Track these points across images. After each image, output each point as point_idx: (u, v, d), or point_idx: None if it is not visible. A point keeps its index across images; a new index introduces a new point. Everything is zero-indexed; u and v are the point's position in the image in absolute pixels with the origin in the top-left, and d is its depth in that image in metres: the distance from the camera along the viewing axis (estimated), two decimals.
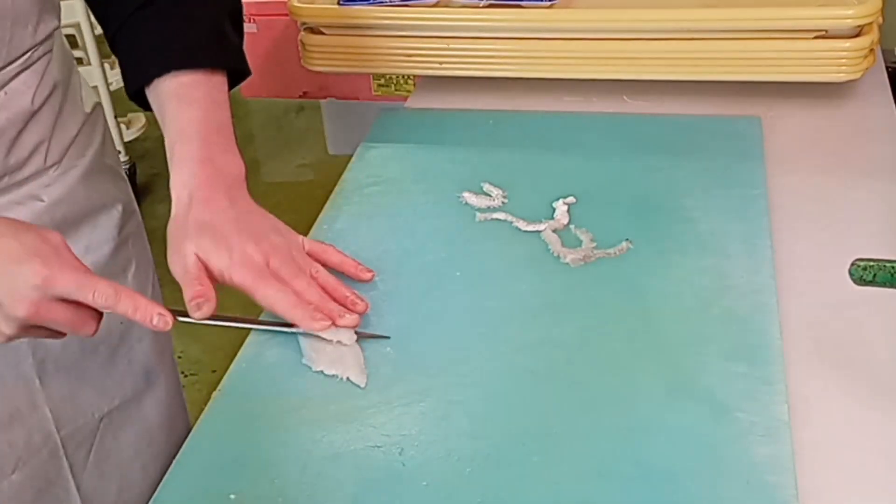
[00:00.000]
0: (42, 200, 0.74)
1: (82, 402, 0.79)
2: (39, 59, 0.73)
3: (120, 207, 0.83)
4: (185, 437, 0.67)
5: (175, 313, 0.67)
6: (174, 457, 0.65)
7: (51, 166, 0.75)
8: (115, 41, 0.78)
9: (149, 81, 0.75)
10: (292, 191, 2.71)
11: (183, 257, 0.71)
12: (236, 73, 0.79)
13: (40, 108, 0.73)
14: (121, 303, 0.64)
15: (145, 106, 0.78)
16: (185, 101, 0.75)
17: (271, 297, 0.71)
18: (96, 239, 0.80)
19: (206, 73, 0.75)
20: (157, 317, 0.65)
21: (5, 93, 0.70)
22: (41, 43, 0.73)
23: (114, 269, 0.81)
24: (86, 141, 0.79)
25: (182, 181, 0.73)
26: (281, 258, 0.73)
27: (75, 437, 0.79)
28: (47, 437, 0.77)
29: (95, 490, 0.80)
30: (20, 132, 0.72)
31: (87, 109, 0.80)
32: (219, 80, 0.77)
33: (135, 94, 0.77)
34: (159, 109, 0.76)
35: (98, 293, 0.63)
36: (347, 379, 0.69)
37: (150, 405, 0.86)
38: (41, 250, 0.62)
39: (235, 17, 0.80)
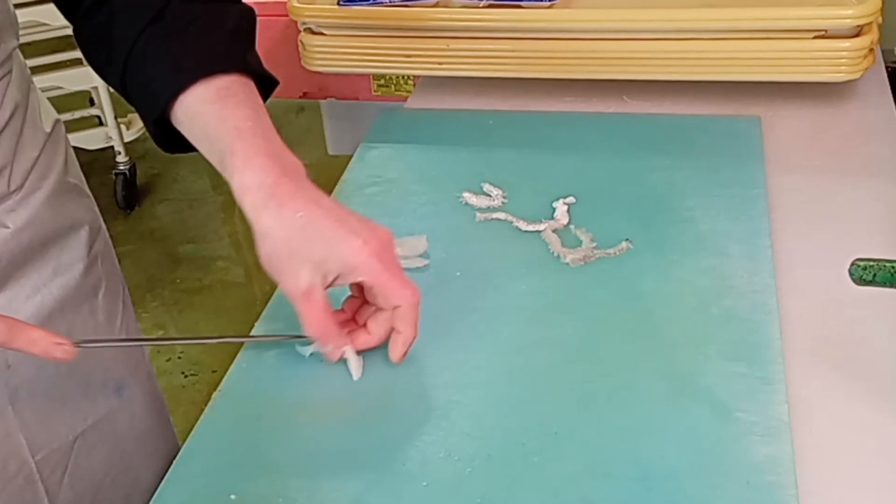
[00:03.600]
0: (7, 227, 0.70)
1: (57, 424, 0.77)
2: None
3: (87, 227, 0.79)
4: (168, 443, 0.66)
5: (88, 341, 0.65)
6: (149, 467, 0.64)
7: (14, 191, 0.71)
8: (127, 69, 0.71)
9: (182, 90, 0.68)
10: None
11: (296, 278, 0.65)
12: (263, 82, 0.74)
13: (1, 132, 0.69)
14: (16, 338, 0.60)
15: (166, 139, 0.72)
16: (232, 102, 0.69)
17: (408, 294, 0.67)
18: (65, 261, 0.76)
19: (239, 76, 0.70)
20: (57, 349, 0.61)
21: None
22: (0, 65, 0.69)
23: (85, 290, 0.78)
24: (48, 161, 0.75)
25: (256, 182, 0.65)
26: (389, 250, 0.68)
27: (50, 461, 0.76)
28: (22, 464, 0.74)
29: None
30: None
31: (48, 129, 0.76)
32: (251, 84, 0.71)
33: (156, 123, 0.71)
34: (195, 119, 0.69)
35: (21, 333, 0.60)
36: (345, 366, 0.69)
37: (123, 419, 0.83)
38: None
39: (251, 27, 0.76)
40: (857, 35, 0.96)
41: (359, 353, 0.69)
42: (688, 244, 0.80)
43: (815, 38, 0.96)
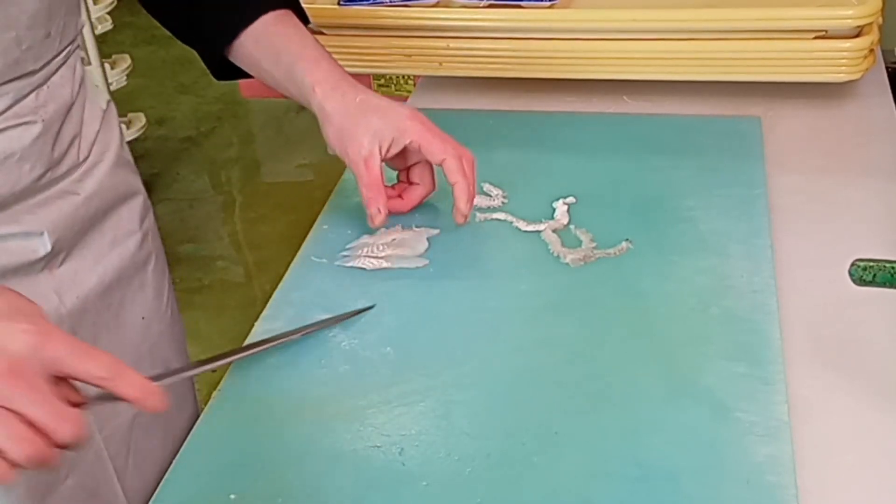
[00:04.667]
0: (77, 194, 0.75)
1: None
2: (74, 51, 0.75)
3: (140, 199, 0.85)
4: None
5: (166, 375, 0.62)
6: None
7: (82, 161, 0.76)
8: (193, 6, 0.83)
9: (254, 20, 0.82)
10: (292, 191, 2.71)
11: (359, 146, 0.79)
12: (301, 16, 0.87)
13: (74, 101, 0.74)
14: (120, 377, 0.53)
15: (222, 67, 0.86)
16: (291, 26, 0.83)
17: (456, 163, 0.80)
18: (122, 231, 0.81)
19: (286, 9, 0.84)
20: (154, 398, 0.54)
21: (48, 87, 0.71)
22: (78, 34, 0.75)
23: (137, 263, 0.82)
24: (106, 136, 0.80)
25: (324, 77, 0.81)
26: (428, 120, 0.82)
27: (115, 439, 0.79)
28: (91, 440, 0.76)
29: (139, 492, 0.80)
30: (61, 125, 0.73)
31: (103, 105, 0.82)
32: (293, 14, 0.85)
33: (213, 56, 0.86)
34: (261, 40, 0.82)
35: (97, 361, 0.52)
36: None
37: (173, 403, 0.84)
38: (26, 309, 0.53)
39: None
40: (857, 35, 0.96)
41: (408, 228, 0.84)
42: (688, 244, 0.80)
43: (815, 38, 0.96)
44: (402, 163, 0.84)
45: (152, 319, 0.84)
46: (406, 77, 1.43)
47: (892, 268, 0.64)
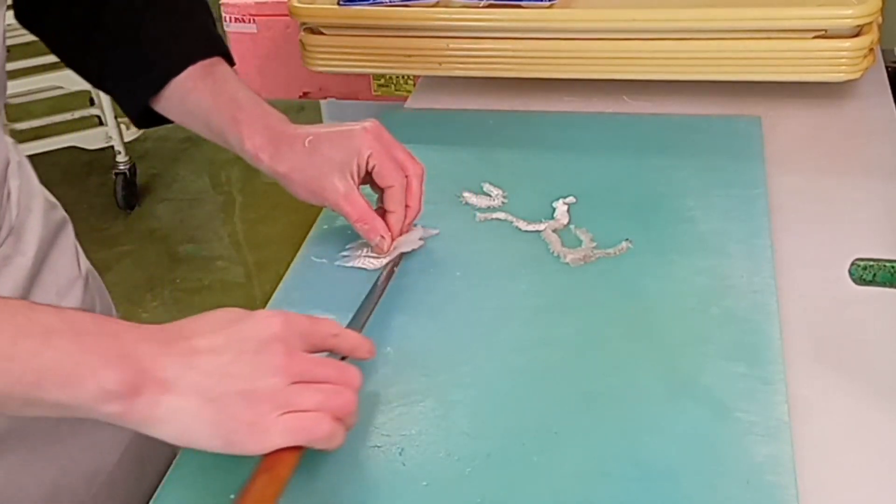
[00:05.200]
0: (23, 255, 0.72)
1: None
2: None
3: (70, 229, 0.81)
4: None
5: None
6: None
7: (14, 221, 0.72)
8: (109, 54, 0.78)
9: (179, 71, 0.77)
10: None
11: (334, 187, 0.76)
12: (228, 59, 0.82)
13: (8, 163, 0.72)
14: (343, 336, 0.63)
15: (143, 117, 0.80)
16: (220, 77, 0.78)
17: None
18: (63, 280, 0.77)
19: (220, 59, 0.80)
20: (367, 347, 0.65)
21: None
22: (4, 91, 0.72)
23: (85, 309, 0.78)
24: (28, 185, 0.77)
25: (265, 140, 0.77)
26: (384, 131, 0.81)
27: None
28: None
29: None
30: (5, 179, 0.70)
31: (17, 158, 0.77)
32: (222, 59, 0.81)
33: (141, 108, 0.79)
34: (188, 95, 0.78)
35: (327, 325, 0.62)
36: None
37: None
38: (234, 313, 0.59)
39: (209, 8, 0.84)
40: (857, 35, 0.96)
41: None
42: (688, 244, 0.80)
43: (815, 37, 0.96)
44: (376, 185, 0.81)
45: None
46: (406, 77, 1.43)
47: (892, 267, 0.64)
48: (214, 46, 0.80)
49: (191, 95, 0.78)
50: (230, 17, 1.52)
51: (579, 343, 0.71)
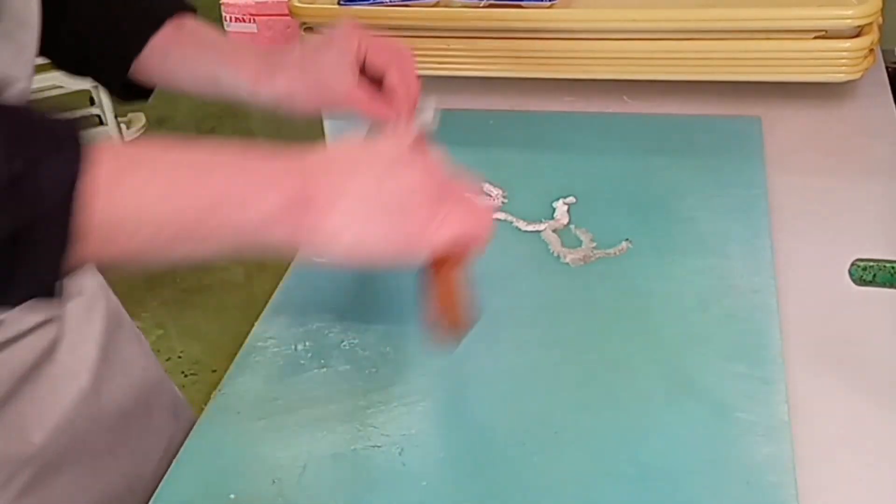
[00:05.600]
0: None
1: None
2: None
3: None
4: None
5: None
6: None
7: None
8: (79, 28, 0.78)
9: (154, 31, 0.77)
10: None
11: (343, 83, 0.76)
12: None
13: None
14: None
15: (125, 89, 0.80)
16: (199, 31, 0.79)
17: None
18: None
19: (189, 14, 0.80)
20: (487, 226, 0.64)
21: None
22: None
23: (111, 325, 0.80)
24: None
25: (256, 63, 0.77)
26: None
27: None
28: None
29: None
30: None
31: None
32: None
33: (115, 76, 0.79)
34: (169, 54, 0.78)
35: (463, 187, 0.63)
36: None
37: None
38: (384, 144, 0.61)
39: None
40: (857, 35, 0.96)
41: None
42: (688, 244, 0.80)
43: (815, 38, 0.96)
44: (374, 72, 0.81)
45: (146, 365, 0.83)
46: None
47: (892, 268, 0.64)
48: (181, 4, 0.80)
49: (172, 52, 0.78)
50: (230, 17, 1.52)
51: (579, 343, 0.71)
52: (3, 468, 0.67)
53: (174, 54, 0.78)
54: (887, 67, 1.09)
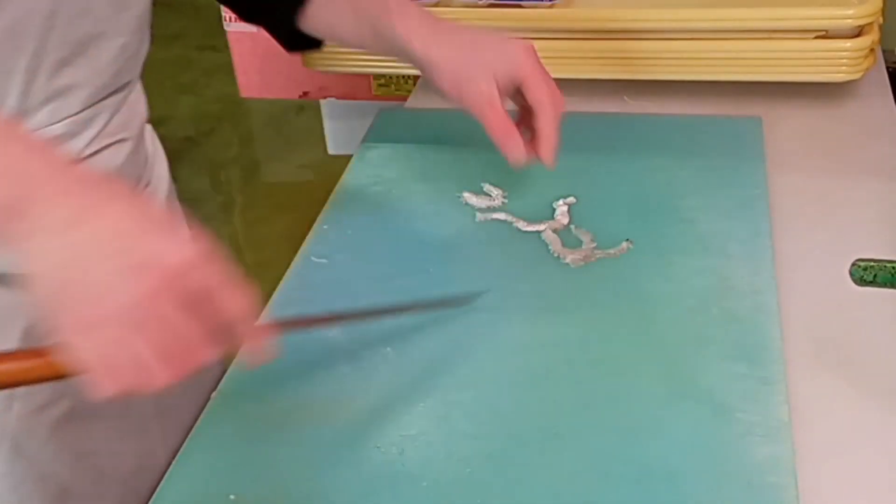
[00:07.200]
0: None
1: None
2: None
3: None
4: None
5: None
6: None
7: (147, 184, 0.76)
8: None
9: None
10: (292, 191, 2.71)
11: (479, 88, 0.76)
12: None
13: (146, 117, 0.74)
14: (250, 321, 0.53)
15: (293, 38, 0.83)
16: None
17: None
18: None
19: None
20: (268, 350, 0.55)
21: (130, 101, 0.69)
22: (139, 76, 0.74)
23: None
24: (155, 156, 0.80)
25: (418, 24, 0.78)
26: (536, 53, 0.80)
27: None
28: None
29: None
30: (142, 143, 0.72)
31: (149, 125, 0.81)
32: None
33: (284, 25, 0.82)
34: (335, 2, 0.80)
35: (238, 304, 0.51)
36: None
37: None
38: (168, 224, 0.51)
39: None
40: (857, 35, 0.96)
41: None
42: (688, 244, 0.80)
43: (815, 38, 0.96)
44: (521, 99, 0.81)
45: None
46: (406, 77, 1.43)
47: (893, 268, 0.64)
48: None
49: (335, 3, 0.80)
50: (230, 17, 1.52)
51: (579, 343, 0.71)
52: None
53: (337, 5, 0.80)
54: (887, 67, 1.09)
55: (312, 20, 0.81)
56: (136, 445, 0.77)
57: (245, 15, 0.84)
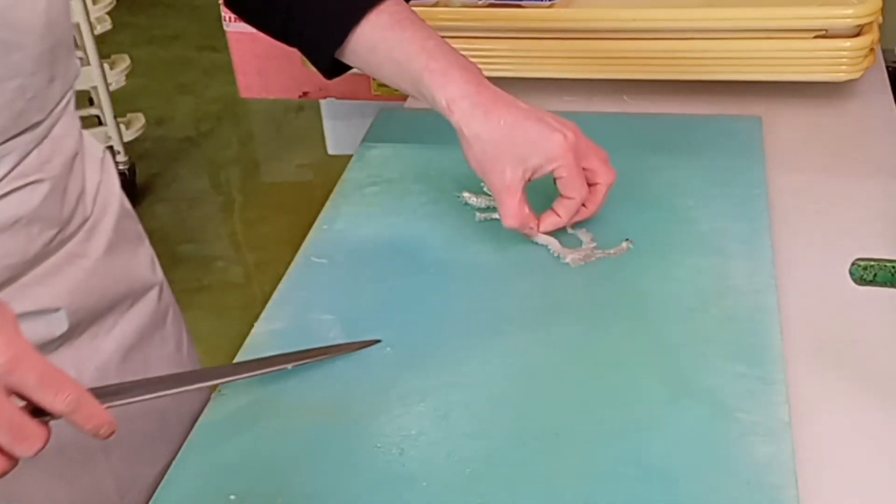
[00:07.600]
0: (86, 257, 0.70)
1: (141, 465, 0.77)
2: (72, 96, 0.69)
3: (147, 244, 0.81)
4: None
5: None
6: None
7: (88, 217, 0.71)
8: (291, 13, 0.78)
9: (358, 22, 0.76)
10: (292, 191, 2.71)
11: (503, 175, 0.75)
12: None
13: (77, 152, 0.69)
14: (80, 411, 0.51)
15: (332, 67, 0.80)
16: (407, 25, 0.76)
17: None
18: (138, 286, 0.77)
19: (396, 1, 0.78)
20: (106, 427, 0.53)
21: (51, 139, 0.65)
22: (77, 75, 0.69)
23: (157, 318, 0.79)
24: (108, 186, 0.76)
25: (460, 93, 0.74)
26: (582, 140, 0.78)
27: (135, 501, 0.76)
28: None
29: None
30: (67, 181, 0.68)
31: (100, 154, 0.77)
32: (404, 2, 0.79)
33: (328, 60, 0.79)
34: (377, 46, 0.76)
35: (62, 395, 0.50)
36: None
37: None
38: (2, 326, 0.50)
39: None
40: (857, 35, 0.96)
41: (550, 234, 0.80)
42: (688, 244, 0.80)
43: (815, 37, 0.96)
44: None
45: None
46: None
47: (893, 267, 0.64)
48: None
49: (379, 46, 0.76)
50: (230, 17, 1.52)
51: (579, 343, 0.71)
52: None
53: (380, 50, 0.77)
54: (887, 67, 1.09)
55: (352, 57, 0.78)
56: (81, 483, 0.73)
57: (285, 41, 0.82)
